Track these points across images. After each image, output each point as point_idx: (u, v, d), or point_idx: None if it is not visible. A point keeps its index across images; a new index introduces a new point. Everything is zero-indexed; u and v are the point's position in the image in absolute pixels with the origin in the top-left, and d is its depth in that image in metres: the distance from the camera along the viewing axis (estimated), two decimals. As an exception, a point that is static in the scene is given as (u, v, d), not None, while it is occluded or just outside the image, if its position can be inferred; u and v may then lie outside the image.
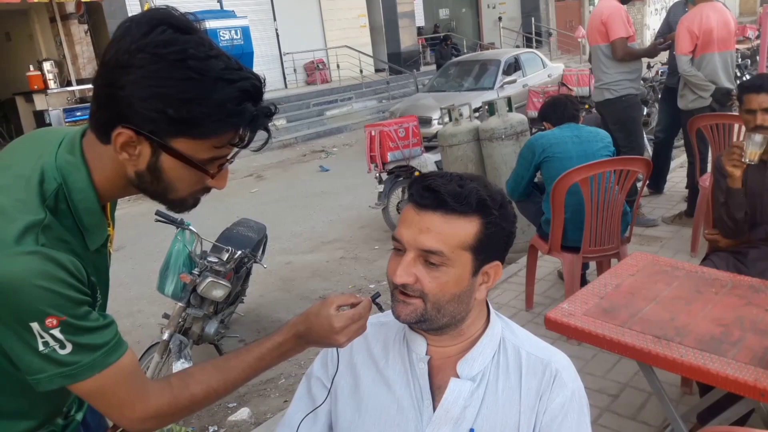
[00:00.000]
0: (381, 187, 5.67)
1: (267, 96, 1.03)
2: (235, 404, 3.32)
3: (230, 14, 11.82)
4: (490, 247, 1.13)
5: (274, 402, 3.28)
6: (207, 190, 1.09)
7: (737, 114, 3.42)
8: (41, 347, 0.94)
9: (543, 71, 11.37)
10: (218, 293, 3.23)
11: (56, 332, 0.94)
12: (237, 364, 1.12)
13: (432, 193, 1.10)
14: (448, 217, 1.09)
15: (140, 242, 6.38)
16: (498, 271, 1.17)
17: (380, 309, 1.17)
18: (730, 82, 4.37)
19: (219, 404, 3.34)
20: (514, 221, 1.18)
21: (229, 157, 1.05)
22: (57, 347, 0.95)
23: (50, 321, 0.93)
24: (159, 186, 1.03)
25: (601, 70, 4.70)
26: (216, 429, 3.13)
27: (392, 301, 1.15)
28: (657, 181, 5.33)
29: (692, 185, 4.60)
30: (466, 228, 1.10)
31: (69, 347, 0.96)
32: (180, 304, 3.19)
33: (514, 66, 10.92)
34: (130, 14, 10.94)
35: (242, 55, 11.24)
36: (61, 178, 0.99)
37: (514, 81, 9.76)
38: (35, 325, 0.93)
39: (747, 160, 2.39)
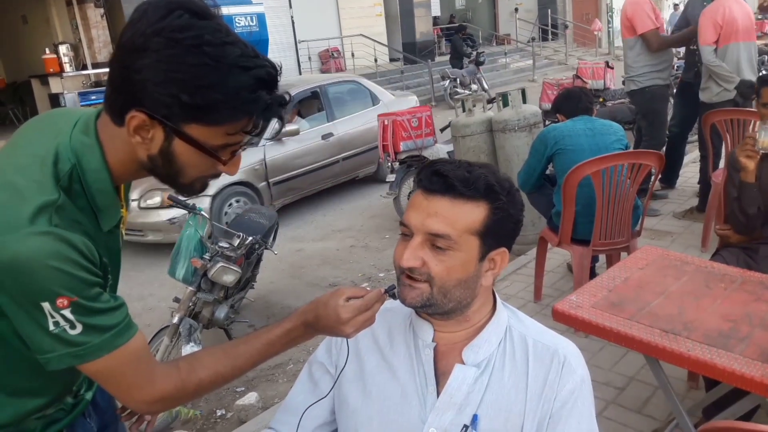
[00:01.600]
0: (392, 177, 5.68)
1: (281, 83, 1.03)
2: (243, 388, 3.36)
3: (246, 0, 11.81)
4: (498, 233, 1.14)
5: (282, 387, 3.32)
6: (217, 174, 1.09)
7: (753, 110, 3.39)
8: (51, 327, 0.95)
9: (368, 111, 7.03)
10: (228, 278, 3.26)
11: (67, 312, 0.95)
12: (246, 350, 1.13)
13: (441, 177, 1.11)
14: (456, 202, 1.10)
15: (153, 226, 6.43)
16: (504, 258, 1.18)
17: (392, 296, 1.17)
18: (754, 74, 4.34)
19: (227, 388, 3.38)
20: (522, 209, 1.18)
21: (242, 144, 1.05)
22: (67, 327, 0.96)
23: (61, 301, 0.94)
24: (170, 170, 1.03)
25: (627, 63, 4.83)
26: (224, 412, 3.17)
27: (398, 285, 1.16)
28: (669, 175, 5.33)
29: (704, 180, 4.58)
30: (473, 212, 1.11)
31: (79, 327, 0.97)
32: (191, 288, 3.23)
33: (317, 105, 6.83)
34: (146, -1, 10.96)
35: (257, 42, 11.26)
36: (75, 159, 1.00)
37: (295, 133, 6.00)
38: (46, 305, 0.94)
39: (760, 148, 2.38)
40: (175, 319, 3.17)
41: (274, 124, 1.09)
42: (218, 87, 0.94)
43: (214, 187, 5.61)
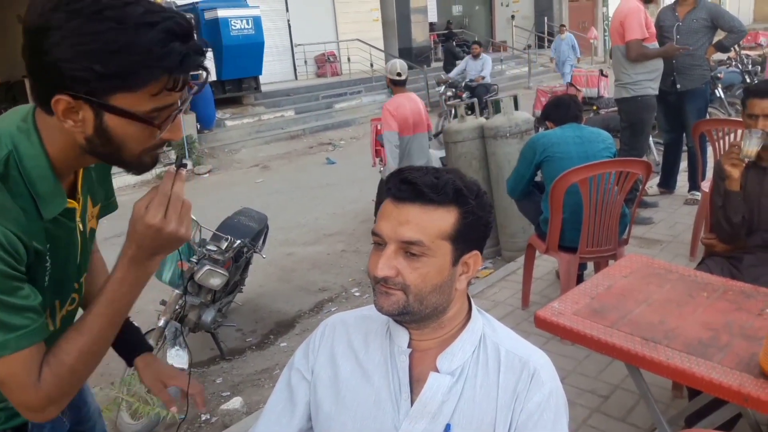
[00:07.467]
0: (385, 182, 5.68)
1: (277, 87, 1.00)
2: (228, 393, 3.34)
3: (242, 3, 11.81)
4: (469, 237, 1.14)
5: (267, 392, 3.30)
6: (162, 144, 1.04)
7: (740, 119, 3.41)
8: None
9: None
10: (215, 282, 3.25)
11: None
12: (92, 319, 1.06)
13: (409, 185, 1.10)
14: (426, 208, 1.10)
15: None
16: (477, 261, 1.18)
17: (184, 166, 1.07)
18: (426, 160, 4.89)
19: (212, 393, 3.36)
20: (491, 211, 1.19)
21: (177, 106, 1.01)
22: None
23: None
24: (111, 148, 1.00)
25: (620, 70, 4.82)
26: (208, 417, 3.15)
27: (374, 295, 1.15)
28: (668, 180, 5.41)
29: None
30: (444, 218, 1.10)
31: None
32: (177, 291, 3.21)
33: None
34: None
35: (253, 45, 11.27)
36: (11, 145, 0.99)
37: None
38: None
39: (744, 156, 2.39)
40: (161, 322, 3.15)
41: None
42: (128, 49, 0.91)
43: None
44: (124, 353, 1.46)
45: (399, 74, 4.85)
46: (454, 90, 11.30)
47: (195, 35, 0.98)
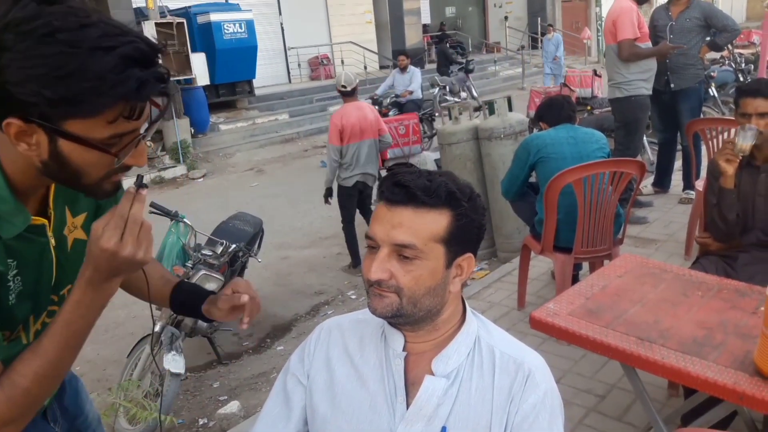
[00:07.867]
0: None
1: (271, 90, 0.96)
2: (225, 397, 3.34)
3: (235, 7, 11.82)
4: (462, 239, 1.14)
5: (264, 396, 3.29)
6: (125, 169, 1.00)
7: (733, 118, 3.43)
8: None
9: None
10: (211, 286, 3.24)
11: None
12: (49, 341, 1.01)
13: (402, 188, 1.11)
14: (419, 211, 1.10)
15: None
16: (471, 264, 1.18)
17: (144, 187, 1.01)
18: (375, 167, 5.17)
19: (210, 397, 3.36)
20: (484, 214, 1.19)
21: (140, 132, 0.97)
22: None
23: None
24: (68, 173, 0.95)
25: (613, 70, 4.83)
26: (206, 421, 3.15)
27: (368, 297, 1.16)
28: (662, 179, 5.43)
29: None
30: (437, 220, 1.11)
31: None
32: (173, 296, 3.20)
33: None
34: (134, 5, 10.65)
35: (246, 48, 11.27)
36: None
37: None
38: None
39: (738, 152, 2.40)
40: (157, 327, 3.14)
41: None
42: (80, 74, 0.85)
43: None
44: (191, 315, 1.47)
45: (344, 86, 5.03)
46: (378, 107, 9.90)
47: (159, 60, 0.93)
